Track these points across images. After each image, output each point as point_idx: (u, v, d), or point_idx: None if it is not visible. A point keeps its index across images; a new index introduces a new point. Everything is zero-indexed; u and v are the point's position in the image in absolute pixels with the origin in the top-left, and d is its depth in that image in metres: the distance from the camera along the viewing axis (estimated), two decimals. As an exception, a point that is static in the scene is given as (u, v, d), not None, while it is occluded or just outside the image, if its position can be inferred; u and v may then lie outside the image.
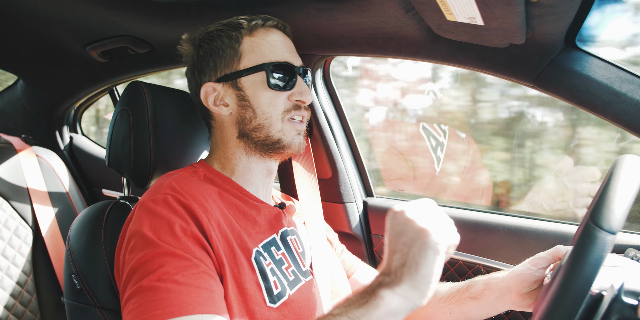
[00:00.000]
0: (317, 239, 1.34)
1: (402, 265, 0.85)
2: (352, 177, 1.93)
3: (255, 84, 1.20)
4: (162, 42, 1.82)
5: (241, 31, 1.21)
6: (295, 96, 1.22)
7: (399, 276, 0.85)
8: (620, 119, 1.20)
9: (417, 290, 0.84)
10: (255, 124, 1.20)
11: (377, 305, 0.84)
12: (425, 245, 0.84)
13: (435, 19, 1.23)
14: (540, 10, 1.07)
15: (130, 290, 0.94)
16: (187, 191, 1.07)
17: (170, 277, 0.92)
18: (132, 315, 0.89)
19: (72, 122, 2.68)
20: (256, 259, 1.09)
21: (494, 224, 1.65)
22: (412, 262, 0.84)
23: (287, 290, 1.12)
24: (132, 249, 0.99)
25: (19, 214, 1.92)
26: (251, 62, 1.20)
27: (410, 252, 0.85)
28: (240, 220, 1.15)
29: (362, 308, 0.84)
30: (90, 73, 2.20)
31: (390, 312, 0.84)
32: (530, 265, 1.14)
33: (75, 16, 1.66)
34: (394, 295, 0.84)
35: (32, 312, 1.86)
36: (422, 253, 0.84)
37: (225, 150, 1.25)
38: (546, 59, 1.27)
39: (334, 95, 1.91)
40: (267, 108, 1.20)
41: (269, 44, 1.21)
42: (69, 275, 1.25)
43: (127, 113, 1.35)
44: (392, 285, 0.85)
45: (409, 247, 0.85)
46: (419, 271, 0.83)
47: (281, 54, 1.21)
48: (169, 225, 0.99)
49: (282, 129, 1.21)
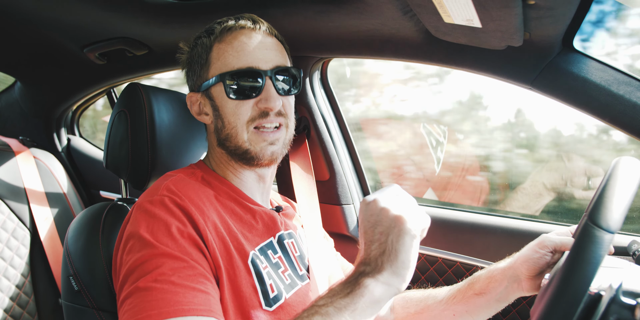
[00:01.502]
0: (314, 242, 1.34)
1: (381, 254, 0.88)
2: (349, 179, 1.93)
3: (221, 93, 1.17)
4: (159, 44, 1.82)
5: (211, 38, 1.18)
6: (261, 103, 1.16)
7: (380, 264, 0.87)
8: (618, 121, 1.20)
9: (398, 275, 0.87)
10: (225, 133, 1.18)
11: (361, 293, 0.86)
12: (402, 232, 0.87)
13: (432, 21, 1.23)
14: (537, 12, 1.07)
15: (126, 290, 0.94)
16: (184, 193, 1.07)
17: (166, 278, 0.92)
18: (128, 316, 0.89)
19: (70, 124, 2.68)
20: (253, 262, 1.09)
21: (492, 225, 1.65)
22: (391, 250, 0.87)
23: (284, 294, 1.11)
24: (129, 250, 0.99)
25: (17, 216, 1.91)
26: (216, 71, 1.17)
27: (388, 240, 0.88)
28: (237, 224, 1.14)
29: (347, 298, 0.86)
30: (87, 75, 2.20)
31: (374, 299, 0.87)
32: (537, 248, 1.12)
33: (73, 18, 1.66)
34: (377, 283, 0.87)
35: (30, 314, 1.85)
36: (400, 240, 0.87)
37: (214, 155, 1.26)
38: (544, 61, 1.27)
39: (331, 97, 1.91)
40: (231, 117, 1.16)
41: (233, 50, 1.16)
42: (66, 276, 1.25)
43: (125, 115, 1.35)
44: (374, 273, 0.87)
45: (387, 235, 0.88)
46: (398, 257, 0.86)
47: (245, 60, 1.15)
48: (166, 227, 0.99)
49: (247, 139, 1.17)
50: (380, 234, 0.89)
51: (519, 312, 1.59)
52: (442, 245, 1.74)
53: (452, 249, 1.71)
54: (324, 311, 0.85)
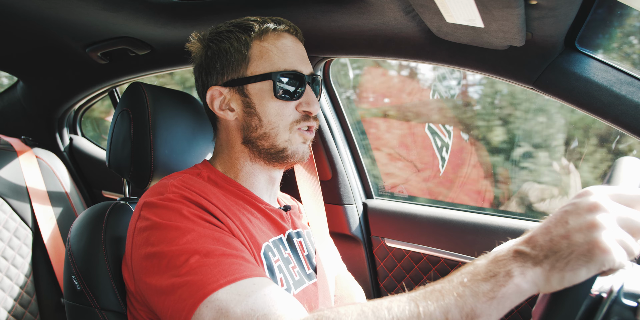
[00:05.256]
0: (321, 242, 1.34)
1: (551, 252, 0.69)
2: (351, 179, 1.93)
3: (263, 92, 1.16)
4: (162, 43, 1.82)
5: (251, 35, 1.16)
6: (302, 106, 1.18)
7: (540, 257, 0.70)
8: (620, 121, 1.20)
9: (548, 282, 0.69)
10: (261, 132, 1.17)
11: (505, 282, 0.70)
12: (590, 257, 0.66)
13: (435, 21, 1.23)
14: (539, 12, 1.07)
15: (173, 276, 0.92)
16: (193, 190, 1.07)
17: (207, 251, 0.93)
18: (188, 291, 0.89)
19: (72, 123, 2.68)
20: (265, 255, 1.09)
21: (495, 226, 1.65)
22: (562, 259, 0.68)
23: (292, 290, 1.11)
24: (145, 242, 0.99)
25: (19, 215, 1.92)
26: (259, 69, 1.16)
27: (568, 248, 0.68)
28: (248, 218, 1.14)
29: (488, 282, 0.71)
30: (90, 74, 2.20)
31: (518, 290, 0.70)
32: None
33: (75, 17, 1.66)
34: (526, 271, 0.70)
35: (32, 314, 1.85)
36: (579, 261, 0.66)
37: (230, 154, 1.23)
38: (546, 61, 1.28)
39: (334, 97, 1.91)
40: (274, 118, 1.16)
41: (278, 51, 1.16)
42: (69, 276, 1.25)
43: (127, 114, 1.35)
44: (532, 261, 0.70)
45: (571, 245, 0.68)
46: (563, 272, 0.67)
47: (290, 62, 1.17)
48: (179, 212, 1.00)
49: (289, 138, 1.18)
50: (567, 233, 0.69)
51: (520, 312, 1.59)
52: (445, 245, 1.74)
53: (455, 249, 1.71)
54: (461, 292, 0.72)
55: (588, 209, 0.69)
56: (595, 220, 0.67)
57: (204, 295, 0.86)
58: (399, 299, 0.77)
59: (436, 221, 1.77)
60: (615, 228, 0.67)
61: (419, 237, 1.79)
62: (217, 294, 0.86)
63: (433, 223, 1.77)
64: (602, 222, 0.67)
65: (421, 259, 1.79)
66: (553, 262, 0.68)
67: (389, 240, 1.87)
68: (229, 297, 0.86)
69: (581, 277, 0.66)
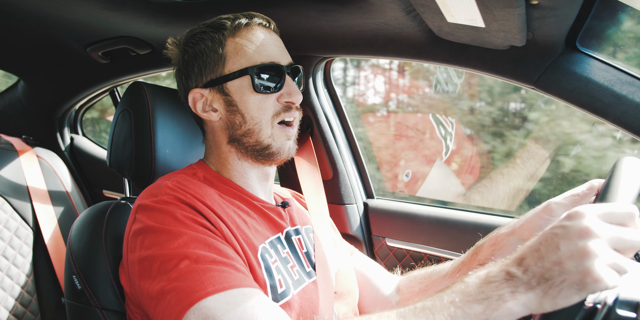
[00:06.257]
0: (322, 239, 1.33)
1: (543, 279, 0.69)
2: (352, 179, 1.93)
3: (242, 88, 1.16)
4: (163, 43, 1.81)
5: (224, 33, 1.17)
6: (284, 97, 1.18)
7: (533, 283, 0.70)
8: (621, 121, 1.20)
9: (540, 306, 0.69)
10: (245, 128, 1.18)
11: (497, 305, 0.71)
12: (582, 285, 0.65)
13: (436, 21, 1.23)
14: (540, 12, 1.07)
15: (163, 281, 0.93)
16: (187, 191, 1.07)
17: (196, 257, 0.93)
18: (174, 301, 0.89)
19: (73, 123, 2.69)
20: (262, 256, 1.09)
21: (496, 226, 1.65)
22: (555, 287, 0.67)
23: (292, 290, 1.11)
24: (140, 245, 0.99)
25: (20, 215, 1.92)
26: (236, 65, 1.16)
27: (560, 276, 0.67)
28: (244, 219, 1.14)
29: (480, 304, 0.72)
30: (91, 74, 2.20)
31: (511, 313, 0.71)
32: (543, 214, 1.06)
33: (76, 17, 1.66)
34: (516, 298, 0.71)
35: (33, 313, 1.86)
36: (571, 289, 0.66)
37: (219, 155, 1.24)
38: (547, 61, 1.27)
39: (334, 96, 1.91)
40: (256, 113, 1.16)
41: (253, 45, 1.16)
42: (69, 275, 1.25)
43: (128, 113, 1.35)
44: (524, 286, 0.70)
45: (563, 273, 0.67)
46: (556, 299, 0.67)
47: (267, 54, 1.17)
48: (173, 216, 1.00)
49: (272, 134, 1.18)
50: (558, 259, 0.68)
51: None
52: (445, 245, 1.73)
53: (456, 249, 1.71)
54: (452, 312, 0.73)
55: (579, 234, 0.68)
56: (586, 247, 0.66)
57: (191, 303, 0.87)
58: (388, 314, 0.78)
59: (437, 221, 1.77)
60: (607, 252, 0.66)
61: (420, 236, 1.79)
62: (205, 301, 0.87)
63: (434, 223, 1.77)
64: (594, 249, 0.66)
65: (422, 258, 1.79)
66: (545, 289, 0.68)
67: (389, 240, 1.86)
68: (217, 305, 0.87)
69: (573, 302, 0.66)
